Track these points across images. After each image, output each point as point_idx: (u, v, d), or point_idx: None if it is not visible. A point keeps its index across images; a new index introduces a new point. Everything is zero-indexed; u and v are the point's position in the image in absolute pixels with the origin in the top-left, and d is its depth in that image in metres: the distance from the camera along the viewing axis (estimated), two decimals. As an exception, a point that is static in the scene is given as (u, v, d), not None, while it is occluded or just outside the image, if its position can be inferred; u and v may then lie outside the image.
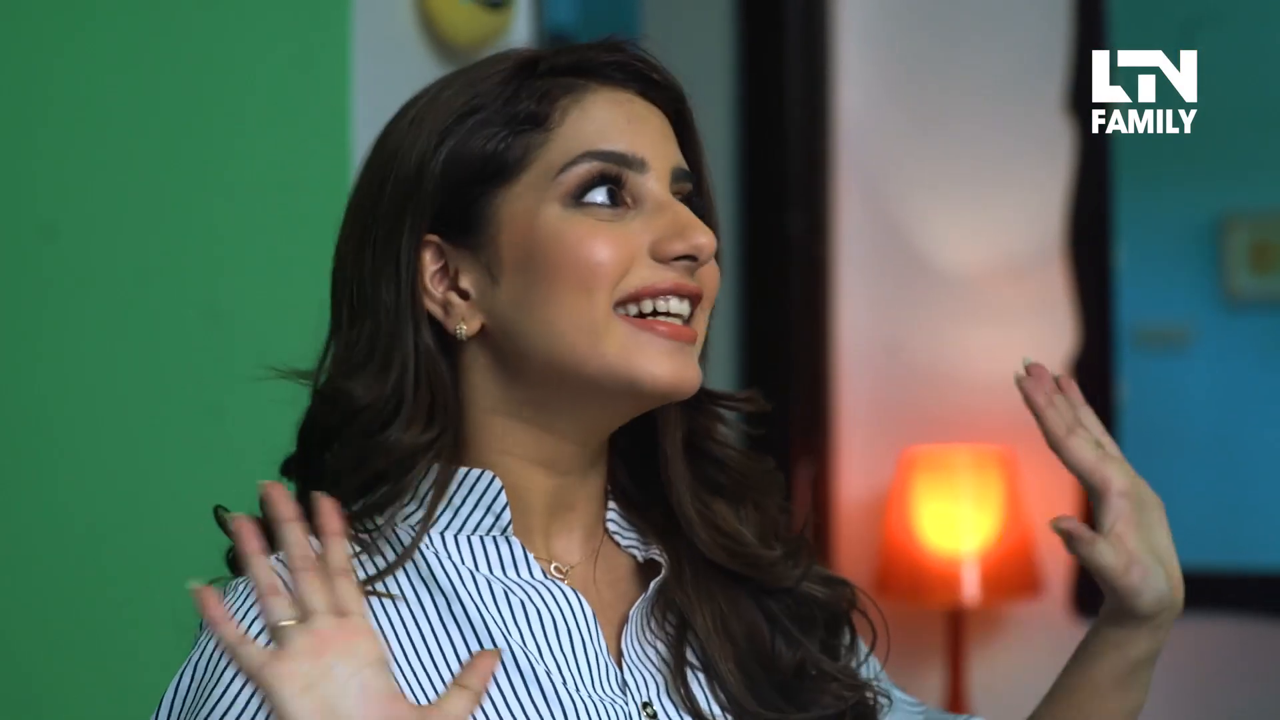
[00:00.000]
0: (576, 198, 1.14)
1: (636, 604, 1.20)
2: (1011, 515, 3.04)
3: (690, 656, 1.20)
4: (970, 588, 3.00)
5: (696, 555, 1.21)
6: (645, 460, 1.23)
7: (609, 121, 1.16)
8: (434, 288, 1.16)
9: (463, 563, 1.16)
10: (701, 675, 1.19)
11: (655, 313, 1.15)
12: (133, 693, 1.98)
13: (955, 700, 3.04)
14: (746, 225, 3.31)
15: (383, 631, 1.13)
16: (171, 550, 1.25)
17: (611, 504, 1.23)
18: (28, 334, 2.03)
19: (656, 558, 1.22)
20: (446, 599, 1.15)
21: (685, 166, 1.19)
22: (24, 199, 2.03)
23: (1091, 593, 3.13)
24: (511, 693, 1.13)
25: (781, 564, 1.22)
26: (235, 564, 1.21)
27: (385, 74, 2.05)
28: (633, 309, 1.14)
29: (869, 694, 1.24)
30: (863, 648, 1.29)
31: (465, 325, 1.15)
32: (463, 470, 1.16)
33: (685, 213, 1.16)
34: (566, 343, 1.13)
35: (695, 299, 1.16)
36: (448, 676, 1.13)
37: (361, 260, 1.16)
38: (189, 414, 2.01)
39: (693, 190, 1.20)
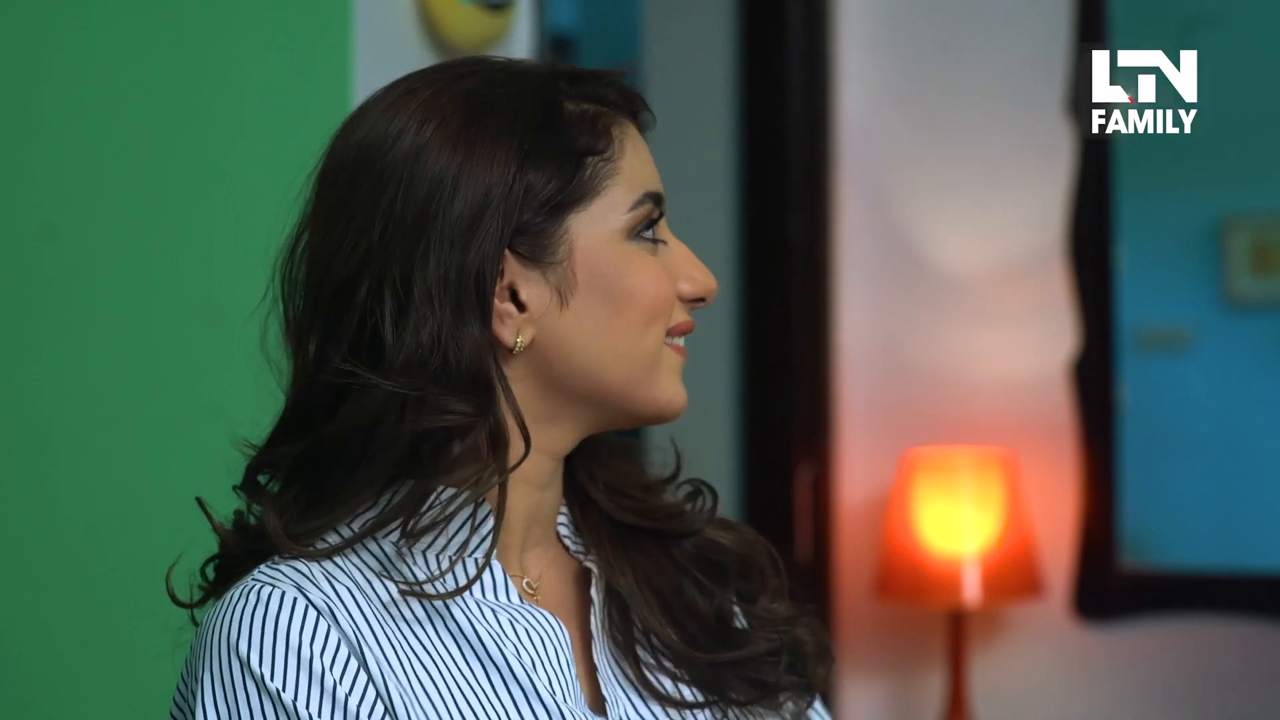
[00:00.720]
0: (637, 233, 1.20)
1: (594, 619, 1.23)
2: (1012, 517, 3.04)
3: (637, 635, 1.24)
4: (971, 589, 3.00)
5: (609, 522, 1.27)
6: None
7: (645, 158, 1.22)
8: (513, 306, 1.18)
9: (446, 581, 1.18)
10: (649, 653, 1.24)
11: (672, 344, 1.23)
12: (132, 693, 1.98)
13: (956, 702, 3.04)
14: (748, 228, 3.31)
15: (393, 645, 1.14)
16: (171, 550, 1.25)
17: (563, 508, 1.27)
18: (28, 334, 2.03)
19: (591, 566, 1.25)
20: (440, 615, 1.17)
21: None
22: (24, 199, 2.03)
23: (1092, 595, 3.13)
24: (516, 711, 1.15)
25: (687, 510, 1.29)
26: (221, 570, 1.21)
27: (387, 77, 2.03)
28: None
29: (785, 629, 1.29)
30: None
31: (523, 336, 1.17)
32: (450, 490, 1.16)
33: (689, 251, 1.24)
34: (625, 367, 1.19)
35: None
36: (458, 694, 1.14)
37: (426, 262, 1.13)
38: (189, 414, 2.02)
39: None
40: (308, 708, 1.10)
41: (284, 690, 1.10)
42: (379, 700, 1.12)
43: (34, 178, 2.03)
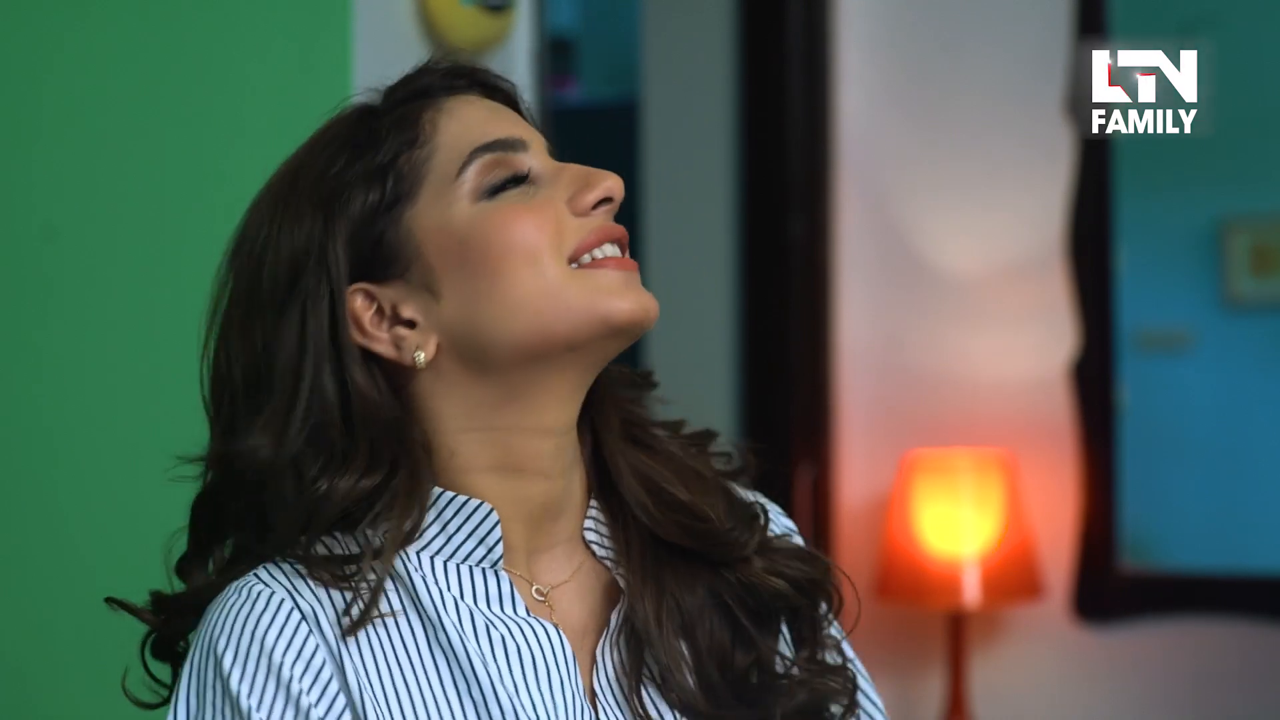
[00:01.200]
0: (486, 192, 1.17)
1: (601, 642, 1.19)
2: (1012, 518, 3.04)
3: (649, 662, 1.19)
4: (971, 591, 2.99)
5: (649, 539, 1.21)
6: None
7: (476, 118, 1.19)
8: (376, 331, 1.16)
9: (448, 589, 1.16)
10: (657, 686, 1.19)
11: (594, 260, 1.17)
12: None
13: (956, 703, 3.04)
14: (747, 229, 3.30)
15: (374, 654, 1.14)
16: (170, 552, 1.25)
17: (594, 508, 1.22)
18: (28, 334, 2.03)
19: (619, 580, 1.21)
20: (431, 625, 1.15)
21: (552, 149, 1.22)
22: (24, 199, 2.04)
23: (1092, 596, 3.13)
24: None
25: (736, 533, 1.21)
26: (157, 648, 1.21)
27: (387, 79, 2.05)
28: (575, 265, 1.16)
29: (831, 682, 1.23)
30: (835, 634, 1.27)
31: (422, 351, 1.16)
32: (461, 498, 1.16)
33: (582, 167, 1.19)
34: (531, 313, 1.14)
35: (622, 240, 1.19)
36: (431, 703, 1.13)
37: (251, 343, 1.16)
38: (189, 414, 2.01)
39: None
40: (269, 718, 1.10)
41: (248, 696, 1.11)
42: (351, 714, 1.12)
43: (35, 178, 2.04)
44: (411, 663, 1.14)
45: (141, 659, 1.21)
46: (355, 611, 1.13)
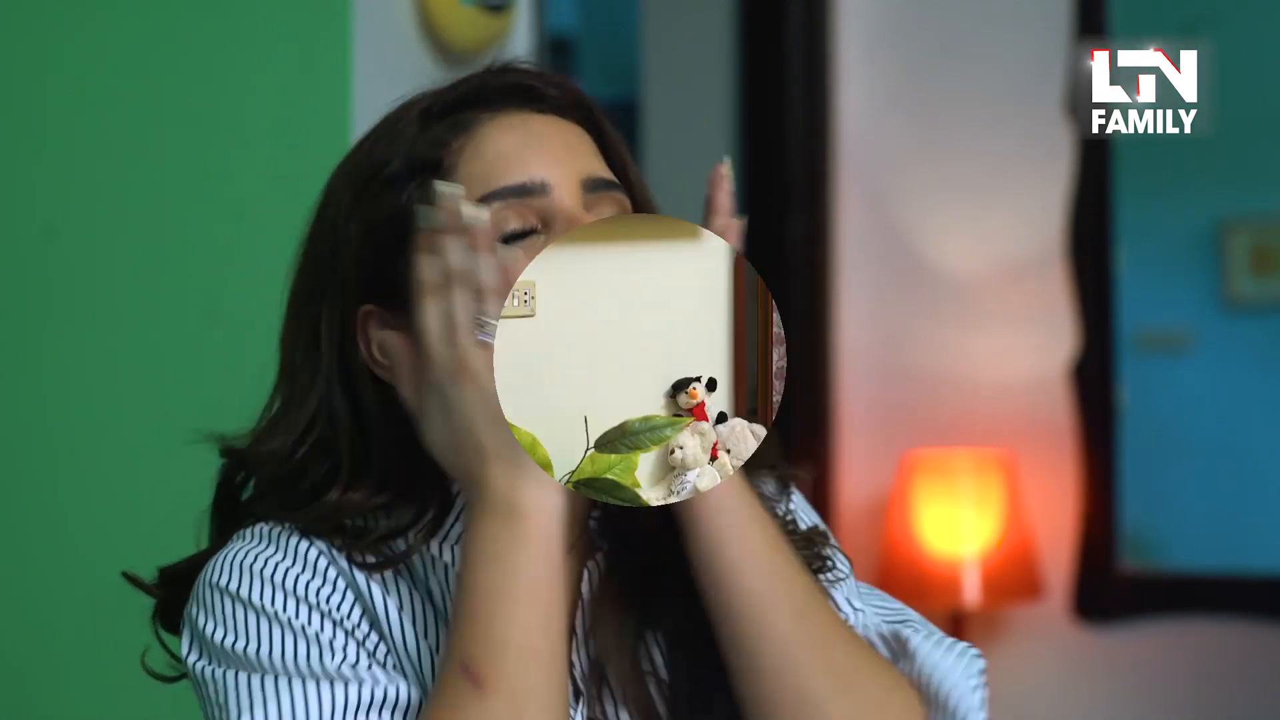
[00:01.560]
0: (500, 238, 1.12)
1: (578, 615, 1.17)
2: (1012, 518, 3.04)
3: (609, 678, 1.17)
4: (971, 591, 3.00)
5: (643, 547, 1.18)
6: None
7: (501, 153, 1.14)
8: (382, 357, 1.14)
9: (440, 557, 1.15)
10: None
11: None
12: (128, 693, 1.98)
13: (956, 704, 3.04)
14: (747, 230, 3.30)
15: (374, 598, 1.14)
16: (170, 550, 1.25)
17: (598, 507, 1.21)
18: (28, 334, 2.03)
19: (597, 562, 1.18)
20: (413, 579, 1.15)
21: (599, 174, 1.17)
22: (24, 199, 2.04)
23: (1092, 596, 3.13)
24: None
25: None
26: (165, 618, 1.21)
27: (387, 79, 2.05)
28: None
29: None
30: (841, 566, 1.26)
31: None
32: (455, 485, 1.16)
33: (589, 220, 1.14)
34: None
35: None
36: (421, 646, 1.13)
37: (287, 330, 1.18)
38: (189, 414, 2.01)
39: (621, 191, 1.18)
40: (273, 605, 1.10)
41: (246, 593, 1.11)
42: (361, 610, 1.12)
43: (35, 178, 2.04)
44: (412, 607, 1.14)
45: (155, 631, 1.21)
46: (369, 558, 1.13)
